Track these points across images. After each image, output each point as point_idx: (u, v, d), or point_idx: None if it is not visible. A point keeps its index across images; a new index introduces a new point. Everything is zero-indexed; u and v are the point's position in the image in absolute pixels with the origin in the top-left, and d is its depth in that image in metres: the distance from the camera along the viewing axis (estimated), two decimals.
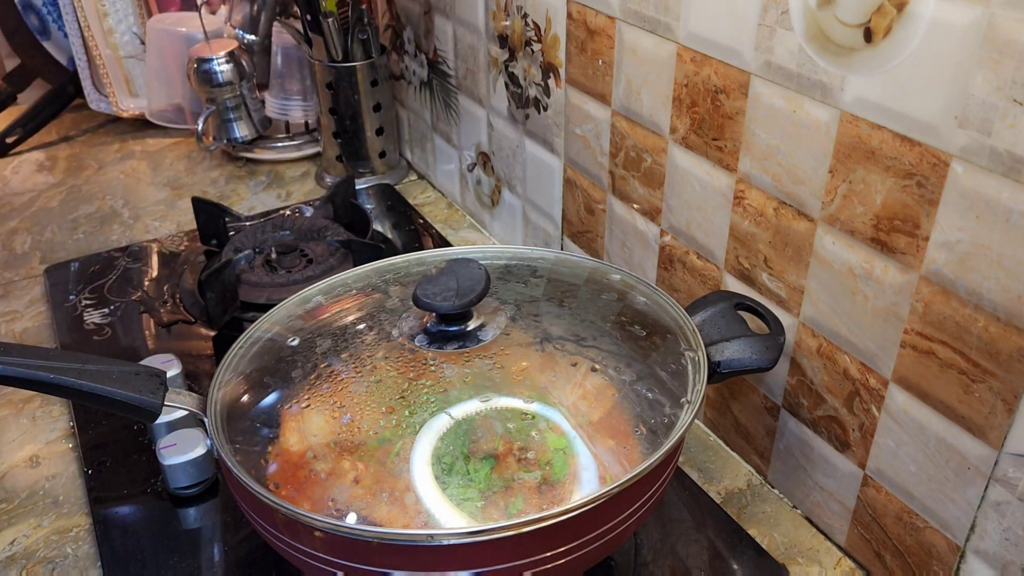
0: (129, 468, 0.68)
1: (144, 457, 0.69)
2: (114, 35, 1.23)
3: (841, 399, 0.58)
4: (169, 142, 1.26)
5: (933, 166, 0.46)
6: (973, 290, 0.46)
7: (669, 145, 0.66)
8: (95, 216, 1.07)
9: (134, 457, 0.69)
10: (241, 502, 0.50)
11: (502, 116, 0.90)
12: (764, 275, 0.61)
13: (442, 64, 1.00)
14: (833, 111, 0.51)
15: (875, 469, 0.57)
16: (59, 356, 0.48)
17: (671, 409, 0.50)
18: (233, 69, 1.10)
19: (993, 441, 0.48)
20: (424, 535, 0.43)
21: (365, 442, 0.48)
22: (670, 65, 0.63)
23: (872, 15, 0.47)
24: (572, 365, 0.52)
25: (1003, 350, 0.46)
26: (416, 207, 1.07)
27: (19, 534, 0.64)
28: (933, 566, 0.55)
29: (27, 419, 0.75)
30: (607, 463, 0.47)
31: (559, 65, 0.77)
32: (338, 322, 0.58)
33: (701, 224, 0.66)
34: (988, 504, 0.50)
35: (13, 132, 1.23)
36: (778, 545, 0.62)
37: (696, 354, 0.54)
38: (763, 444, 0.67)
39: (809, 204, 0.55)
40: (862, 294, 0.53)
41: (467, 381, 0.51)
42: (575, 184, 0.80)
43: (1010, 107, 0.42)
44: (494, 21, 0.86)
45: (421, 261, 0.65)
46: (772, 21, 0.53)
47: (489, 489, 0.45)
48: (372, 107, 1.08)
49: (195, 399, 0.52)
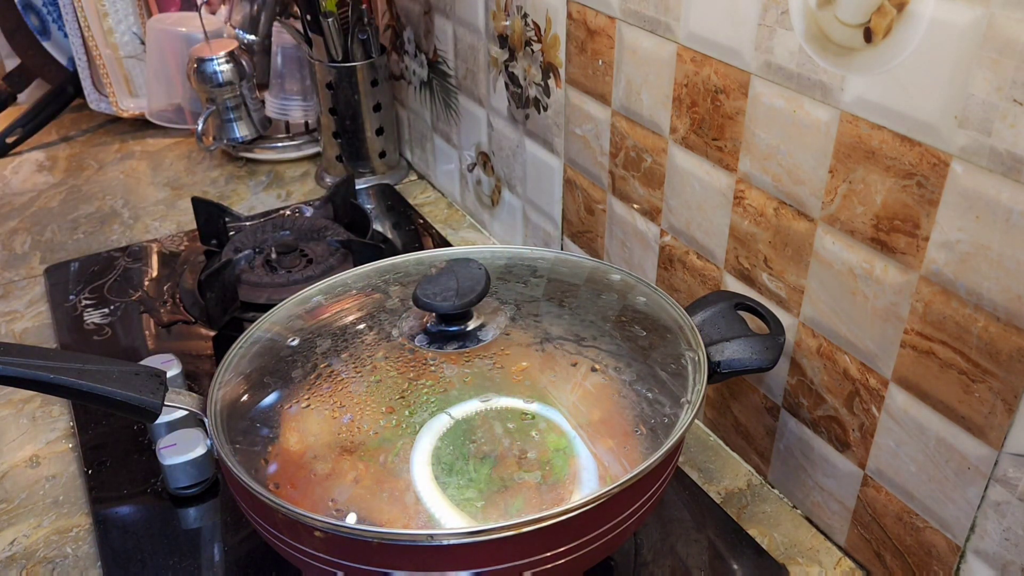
0: (129, 468, 0.68)
1: (144, 457, 0.69)
2: (114, 35, 1.23)
3: (841, 399, 0.58)
4: (169, 142, 1.26)
5: (933, 166, 0.46)
6: (973, 290, 0.46)
7: (669, 145, 0.66)
8: (95, 216, 1.07)
9: (134, 457, 0.69)
10: (241, 502, 0.50)
11: (502, 116, 0.90)
12: (764, 275, 0.61)
13: (442, 64, 1.00)
14: (833, 111, 0.51)
15: (875, 469, 0.57)
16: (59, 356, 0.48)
17: (671, 409, 0.50)
18: (233, 69, 1.10)
19: (993, 441, 0.48)
20: (424, 535, 0.43)
21: (365, 442, 0.48)
22: (670, 65, 0.63)
23: (872, 15, 0.47)
24: (572, 365, 0.52)
25: (1003, 350, 0.46)
26: (416, 207, 1.07)
27: (19, 534, 0.64)
28: (933, 566, 0.55)
29: (27, 419, 0.75)
30: (607, 463, 0.47)
31: (559, 65, 0.77)
32: (338, 322, 0.58)
33: (701, 224, 0.66)
34: (988, 504, 0.50)
35: (13, 132, 1.23)
36: (778, 545, 0.62)
37: (696, 354, 0.54)
38: (763, 444, 0.67)
39: (809, 204, 0.55)
40: (862, 294, 0.53)
41: (467, 381, 0.51)
42: (575, 184, 0.80)
43: (1010, 107, 0.42)
44: (494, 21, 0.86)
45: (421, 261, 0.65)
46: (772, 21, 0.53)
47: (489, 489, 0.45)
48: (372, 107, 1.08)
49: (195, 399, 0.52)
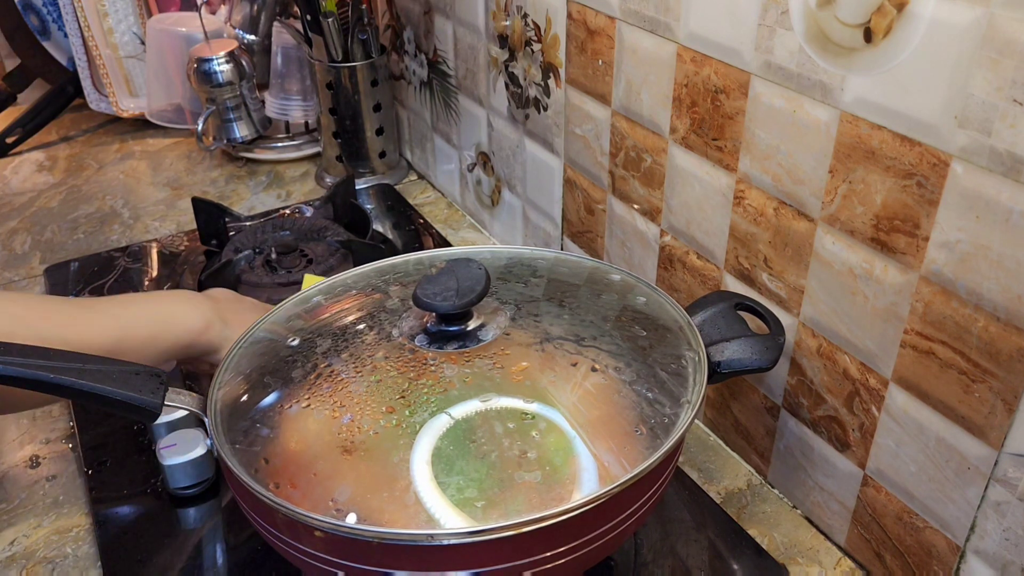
0: (129, 468, 0.68)
1: (144, 457, 0.69)
2: (114, 35, 1.23)
3: (841, 399, 0.58)
4: (169, 142, 1.26)
5: (933, 166, 0.46)
6: (973, 290, 0.46)
7: (669, 145, 0.66)
8: (95, 216, 1.07)
9: (134, 457, 0.69)
10: (241, 502, 0.50)
11: (502, 116, 0.90)
12: (764, 275, 0.61)
13: (442, 64, 1.00)
14: (833, 111, 0.51)
15: (875, 469, 0.57)
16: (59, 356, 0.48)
17: (671, 409, 0.50)
18: (233, 69, 1.10)
19: (993, 441, 0.48)
20: (424, 535, 0.43)
21: (365, 442, 0.48)
22: (670, 65, 0.63)
23: (872, 15, 0.47)
24: (572, 365, 0.52)
25: (1003, 350, 0.46)
26: (416, 207, 1.07)
27: (19, 534, 0.64)
28: (933, 566, 0.55)
29: (27, 419, 0.75)
30: (607, 463, 0.47)
31: (559, 65, 0.77)
32: (338, 322, 0.58)
33: (701, 224, 0.66)
34: (988, 504, 0.50)
35: (13, 132, 1.23)
36: (778, 545, 0.62)
37: (696, 354, 0.54)
38: (763, 444, 0.67)
39: (809, 204, 0.55)
40: (862, 294, 0.53)
41: (467, 381, 0.51)
42: (575, 184, 0.80)
43: (1010, 107, 0.42)
44: (494, 21, 0.86)
45: (421, 261, 0.65)
46: (772, 21, 0.54)
47: (489, 489, 0.45)
48: (372, 107, 1.08)
49: (195, 399, 0.52)
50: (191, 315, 0.63)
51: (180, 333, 0.63)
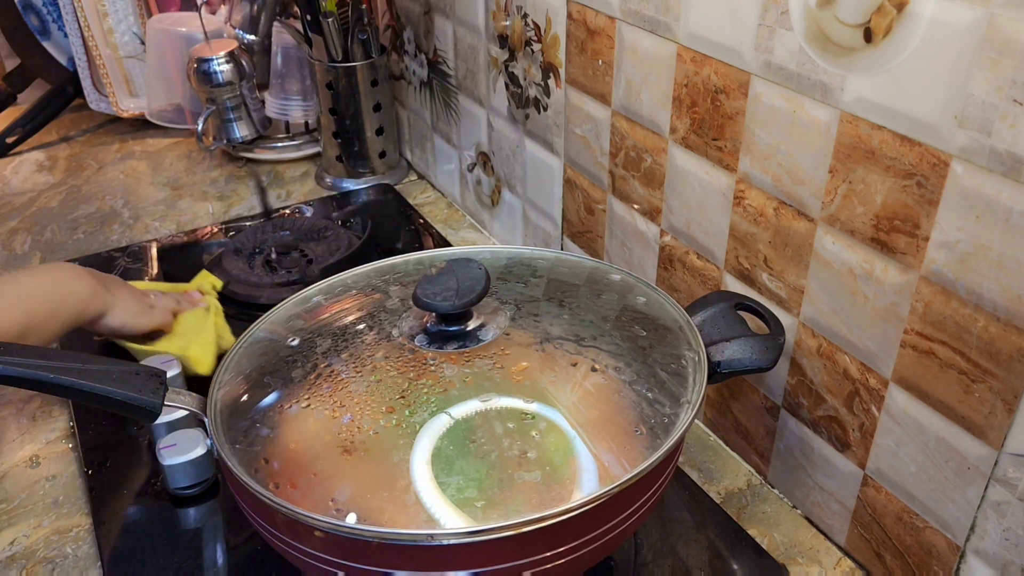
0: (129, 468, 0.68)
1: (144, 457, 0.69)
2: (114, 35, 1.23)
3: (841, 399, 0.58)
4: (169, 142, 1.26)
5: (933, 166, 0.46)
6: (973, 290, 0.46)
7: (669, 145, 0.66)
8: (95, 216, 1.07)
9: (134, 457, 0.69)
10: (241, 502, 0.50)
11: (502, 116, 0.90)
12: (764, 275, 0.61)
13: (442, 64, 1.00)
14: (833, 111, 0.51)
15: (875, 469, 0.57)
16: (59, 356, 0.48)
17: (671, 409, 0.50)
18: (233, 69, 1.10)
19: (993, 441, 0.48)
20: (424, 535, 0.43)
21: (365, 442, 0.48)
22: (670, 65, 0.63)
23: (872, 15, 0.47)
24: (572, 365, 0.52)
25: (1003, 350, 0.46)
26: (416, 207, 1.07)
27: (19, 534, 0.64)
28: (933, 566, 0.55)
29: (27, 419, 0.75)
30: (607, 463, 0.47)
31: (559, 65, 0.77)
32: (338, 322, 0.58)
33: (701, 224, 0.66)
34: (988, 504, 0.50)
35: (13, 132, 1.23)
36: (778, 545, 0.62)
37: (696, 354, 0.54)
38: (763, 444, 0.67)
39: (809, 204, 0.55)
40: (862, 294, 0.53)
41: (467, 381, 0.51)
42: (575, 184, 0.80)
43: (1010, 107, 0.42)
44: (494, 21, 0.86)
45: (421, 261, 0.65)
46: (772, 21, 0.54)
47: (489, 489, 0.45)
48: (372, 107, 1.08)
49: (195, 399, 0.52)
50: (77, 285, 0.68)
51: (73, 303, 0.67)
